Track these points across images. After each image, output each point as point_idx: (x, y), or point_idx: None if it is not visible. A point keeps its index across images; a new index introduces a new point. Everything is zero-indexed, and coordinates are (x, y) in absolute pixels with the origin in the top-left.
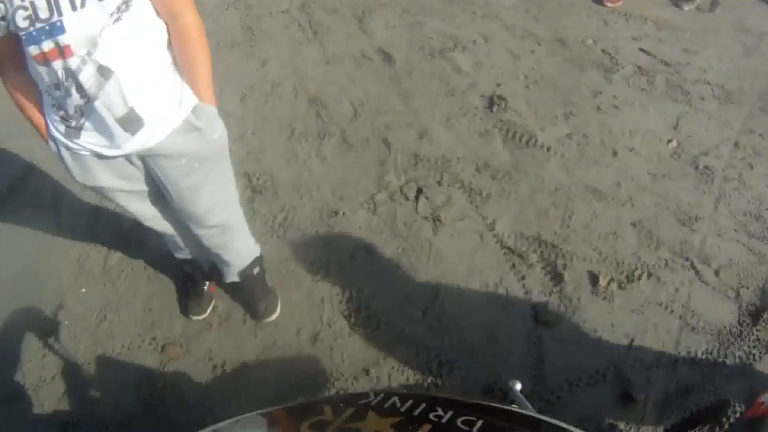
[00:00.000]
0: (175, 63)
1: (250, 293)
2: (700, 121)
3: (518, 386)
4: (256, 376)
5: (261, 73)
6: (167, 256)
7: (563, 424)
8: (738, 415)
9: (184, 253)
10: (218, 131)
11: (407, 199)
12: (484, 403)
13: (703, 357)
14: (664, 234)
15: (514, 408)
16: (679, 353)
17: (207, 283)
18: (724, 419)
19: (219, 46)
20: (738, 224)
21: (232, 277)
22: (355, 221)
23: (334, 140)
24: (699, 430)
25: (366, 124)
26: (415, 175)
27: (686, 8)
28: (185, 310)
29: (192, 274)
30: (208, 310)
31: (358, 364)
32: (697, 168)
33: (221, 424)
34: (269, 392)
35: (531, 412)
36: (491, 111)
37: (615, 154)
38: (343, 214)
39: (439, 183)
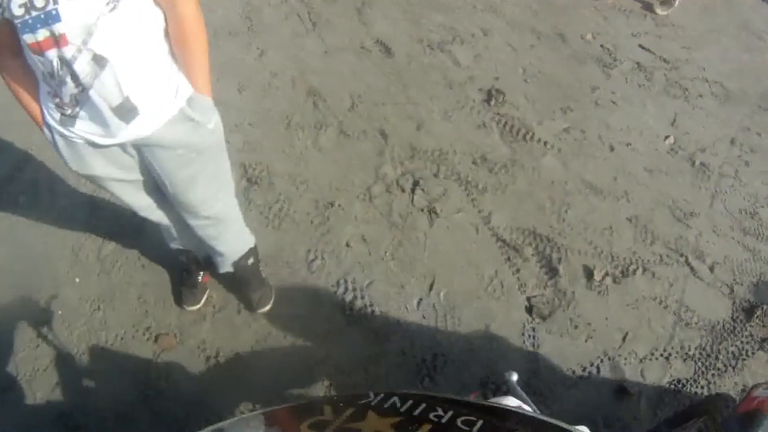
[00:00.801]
0: (172, 52)
1: (244, 284)
2: (698, 118)
3: (515, 377)
4: (250, 368)
5: (259, 64)
6: (162, 246)
7: (563, 424)
8: (731, 409)
9: (178, 244)
10: (213, 122)
11: (403, 191)
12: (484, 403)
13: (697, 352)
14: (659, 229)
15: (515, 408)
16: (673, 348)
17: (201, 273)
18: (718, 413)
19: (217, 36)
20: (733, 221)
21: (227, 267)
22: (350, 212)
23: (332, 131)
24: (693, 423)
25: (363, 116)
26: (411, 167)
27: (661, 13)
28: (179, 301)
29: (187, 264)
30: (202, 301)
31: (351, 355)
32: (693, 164)
33: (221, 423)
34: (263, 384)
35: (531, 412)
36: (489, 104)
37: (612, 149)
38: (339, 205)
39: (436, 175)
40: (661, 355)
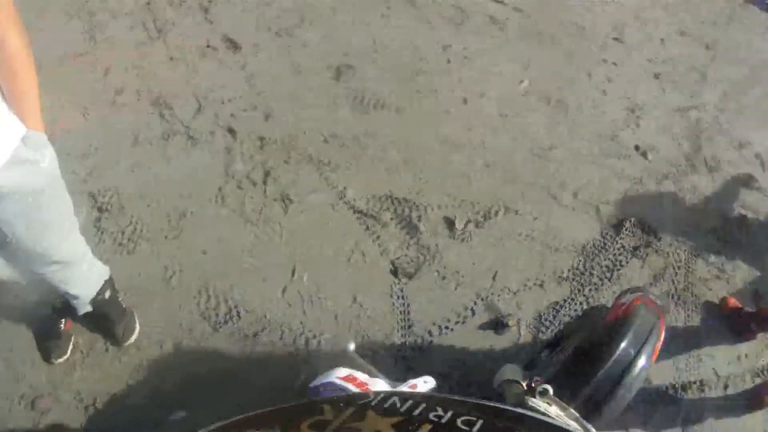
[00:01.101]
0: (1, 93)
1: (105, 319)
2: (555, 59)
3: (351, 346)
4: (127, 406)
5: (103, 83)
6: (16, 304)
7: (563, 424)
8: (603, 318)
9: (32, 296)
10: (47, 159)
11: (254, 184)
12: (484, 402)
13: (570, 273)
14: (519, 169)
15: (516, 408)
16: (546, 275)
17: (63, 320)
18: (593, 325)
19: (61, 60)
20: (593, 147)
21: (85, 308)
22: (204, 218)
23: (179, 139)
24: (571, 341)
25: (210, 117)
26: (261, 158)
27: None
28: (47, 356)
29: (45, 315)
30: (69, 350)
31: (223, 362)
32: (549, 103)
33: None
34: (145, 418)
35: (531, 414)
36: (338, 81)
37: (465, 101)
38: (192, 213)
39: (287, 161)
40: (535, 284)
